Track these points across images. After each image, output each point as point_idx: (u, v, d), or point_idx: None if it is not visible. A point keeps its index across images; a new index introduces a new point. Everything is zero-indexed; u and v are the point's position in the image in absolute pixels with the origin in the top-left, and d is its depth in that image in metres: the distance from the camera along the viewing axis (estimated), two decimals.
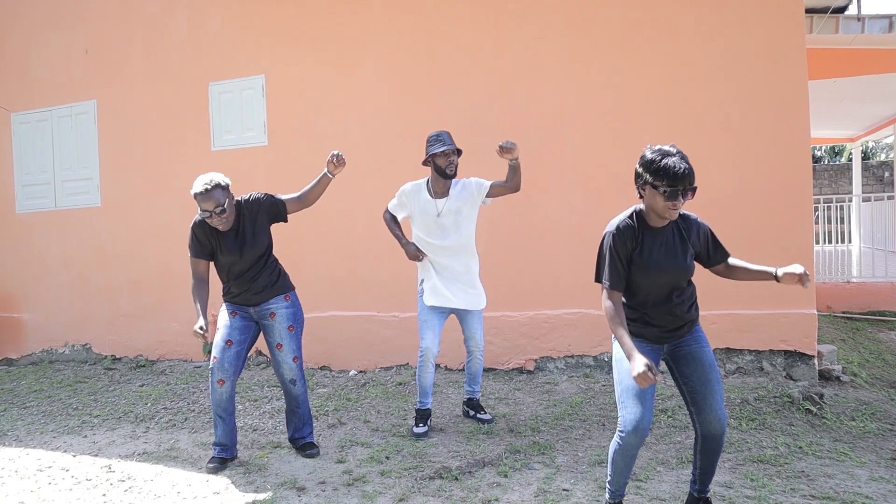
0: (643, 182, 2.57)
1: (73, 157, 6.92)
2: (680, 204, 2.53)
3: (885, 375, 5.22)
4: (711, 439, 2.68)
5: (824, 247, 8.52)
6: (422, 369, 4.09)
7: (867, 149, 23.65)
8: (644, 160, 2.56)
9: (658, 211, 2.58)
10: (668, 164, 2.48)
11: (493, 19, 5.49)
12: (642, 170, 2.57)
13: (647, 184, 2.55)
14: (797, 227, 4.90)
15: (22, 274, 7.18)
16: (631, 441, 2.61)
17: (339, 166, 3.73)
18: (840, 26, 6.68)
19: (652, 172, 2.52)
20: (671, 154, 2.51)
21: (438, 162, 4.01)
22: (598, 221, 5.21)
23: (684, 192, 2.50)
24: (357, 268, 5.85)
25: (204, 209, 3.52)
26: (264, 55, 6.15)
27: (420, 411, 4.14)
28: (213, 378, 3.64)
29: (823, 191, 16.55)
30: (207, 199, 3.49)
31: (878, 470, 3.38)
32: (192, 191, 3.53)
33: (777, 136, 4.92)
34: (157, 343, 6.54)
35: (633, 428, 2.58)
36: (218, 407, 3.67)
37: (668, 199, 2.50)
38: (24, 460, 4.01)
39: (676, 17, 5.11)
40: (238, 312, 3.77)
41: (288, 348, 3.76)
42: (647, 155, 2.56)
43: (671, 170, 2.47)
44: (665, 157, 2.50)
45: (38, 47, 7.07)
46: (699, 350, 2.74)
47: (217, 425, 3.70)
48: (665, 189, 2.49)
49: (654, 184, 2.52)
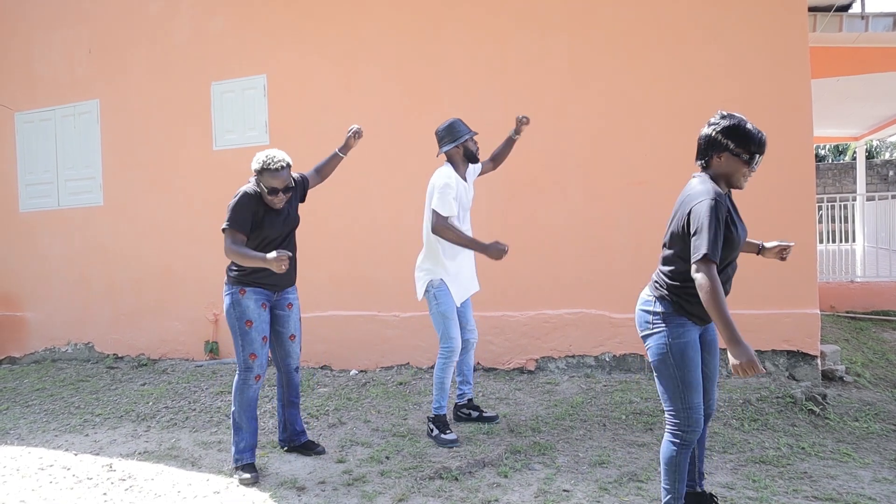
0: (721, 149, 2.52)
1: (75, 156, 6.93)
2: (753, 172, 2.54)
3: (888, 376, 5.19)
4: (708, 420, 2.78)
5: (828, 246, 8.49)
6: (447, 369, 3.96)
7: (871, 147, 23.55)
8: (725, 127, 2.51)
9: (734, 178, 2.54)
10: (752, 130, 2.48)
11: (494, 19, 5.48)
12: (722, 136, 2.51)
13: (726, 150, 2.51)
14: (800, 227, 4.88)
15: (25, 273, 7.20)
16: (693, 439, 2.60)
17: (357, 139, 4.01)
18: (844, 24, 6.64)
19: (738, 137, 2.49)
20: (748, 121, 2.51)
21: (469, 146, 4.07)
22: (599, 221, 5.25)
23: (760, 159, 2.50)
24: (358, 267, 5.85)
25: (271, 186, 3.43)
26: (266, 55, 6.15)
27: (441, 417, 3.96)
28: (249, 376, 3.54)
29: (827, 190, 16.48)
30: (277, 176, 3.43)
31: (881, 471, 3.36)
32: (263, 166, 3.43)
33: (780, 134, 4.88)
34: (159, 342, 6.55)
35: (697, 427, 2.58)
36: (249, 406, 3.58)
37: (749, 165, 2.49)
38: (26, 459, 4.02)
39: (679, 17, 5.09)
40: (266, 304, 3.62)
41: (299, 339, 3.87)
42: (726, 122, 2.52)
43: (756, 136, 2.48)
44: (745, 122, 2.51)
45: (42, 47, 7.08)
46: (716, 337, 2.74)
47: (243, 428, 3.58)
48: (748, 156, 2.48)
49: (735, 150, 2.49)
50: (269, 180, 3.44)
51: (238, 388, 3.58)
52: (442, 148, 4.06)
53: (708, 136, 2.56)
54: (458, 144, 4.02)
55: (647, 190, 5.05)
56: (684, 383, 2.56)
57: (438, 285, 3.97)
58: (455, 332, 3.96)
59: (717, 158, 2.54)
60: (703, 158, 2.59)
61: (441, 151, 4.07)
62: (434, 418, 3.99)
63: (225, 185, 5.20)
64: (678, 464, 2.61)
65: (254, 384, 3.57)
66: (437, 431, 3.94)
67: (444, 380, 3.97)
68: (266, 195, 3.48)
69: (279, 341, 3.80)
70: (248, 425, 3.59)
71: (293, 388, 3.87)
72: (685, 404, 2.57)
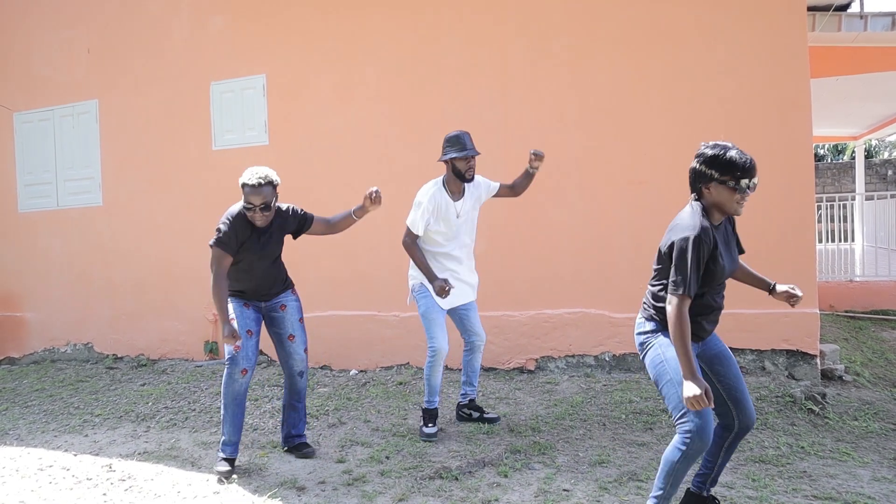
0: (708, 179, 2.52)
1: (75, 156, 6.93)
2: (747, 198, 2.51)
3: (888, 375, 5.19)
4: (746, 431, 2.73)
5: (827, 246, 8.49)
6: (434, 369, 4.05)
7: (870, 147, 23.57)
8: (706, 157, 2.52)
9: (727, 207, 2.53)
10: (735, 157, 2.46)
11: (494, 19, 5.48)
12: (705, 167, 2.52)
13: (713, 180, 2.50)
14: (800, 226, 4.88)
15: (24, 273, 7.20)
16: (700, 450, 2.51)
17: (375, 204, 3.74)
18: (843, 24, 6.65)
19: (719, 166, 2.48)
20: (732, 147, 2.50)
21: (459, 166, 4.00)
22: (599, 221, 5.25)
23: (751, 185, 2.48)
24: (358, 267, 5.85)
25: (249, 202, 3.46)
26: (265, 55, 6.14)
27: (429, 411, 4.09)
28: (236, 368, 3.54)
29: (826, 189, 16.49)
30: (257, 193, 3.44)
31: (880, 470, 3.36)
32: (243, 181, 3.48)
33: (779, 134, 4.90)
34: (159, 342, 6.55)
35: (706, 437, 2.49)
36: (235, 400, 3.59)
37: (739, 192, 2.48)
38: (26, 459, 4.01)
39: (678, 17, 5.09)
40: (251, 304, 3.72)
41: (300, 339, 3.82)
42: (707, 152, 2.53)
43: (738, 162, 2.45)
44: (728, 150, 2.49)
45: (41, 47, 7.08)
46: (725, 349, 2.75)
47: (229, 422, 3.61)
48: (734, 182, 2.46)
49: (721, 179, 2.48)
50: (249, 195, 3.47)
51: (225, 382, 3.60)
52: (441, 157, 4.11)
53: (694, 168, 2.58)
54: (445, 159, 4.03)
55: (647, 190, 5.05)
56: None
57: (419, 289, 4.09)
58: (437, 334, 4.03)
59: (706, 189, 2.55)
60: (694, 191, 2.60)
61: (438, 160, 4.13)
62: (423, 411, 4.12)
63: (224, 185, 5.21)
64: (677, 471, 2.58)
65: (240, 378, 3.56)
66: (422, 424, 4.09)
67: (430, 378, 4.08)
68: (245, 211, 3.51)
69: (279, 343, 3.82)
70: (233, 420, 3.61)
71: (295, 392, 3.87)
72: (693, 413, 2.50)
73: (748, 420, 2.69)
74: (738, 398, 2.69)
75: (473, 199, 4.16)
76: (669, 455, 2.59)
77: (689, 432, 2.51)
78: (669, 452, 2.59)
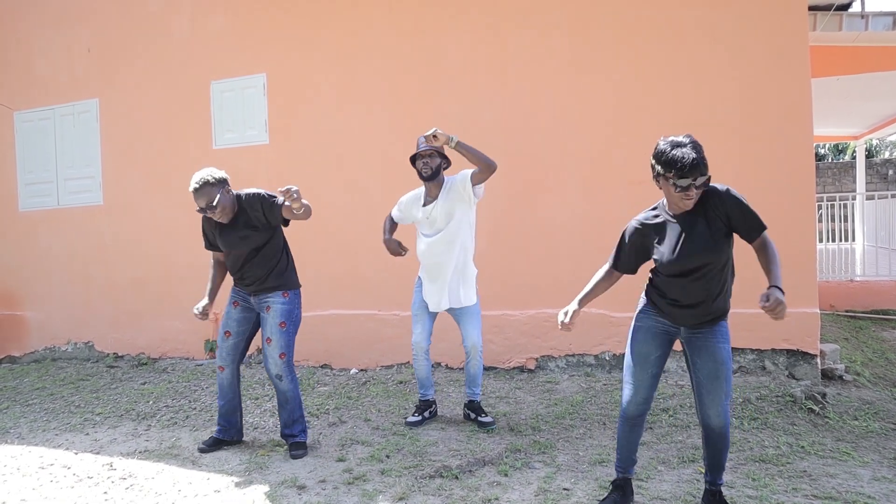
0: (656, 174, 2.59)
1: (75, 155, 6.93)
2: (693, 194, 2.53)
3: (888, 374, 5.20)
4: (711, 431, 2.77)
5: (828, 245, 8.49)
6: (415, 362, 4.29)
7: (871, 146, 23.54)
8: (656, 151, 2.58)
9: (673, 202, 2.61)
10: (675, 156, 2.48)
11: (494, 18, 5.48)
12: (654, 161, 2.58)
13: (660, 175, 2.57)
14: (800, 226, 4.88)
15: (25, 272, 7.20)
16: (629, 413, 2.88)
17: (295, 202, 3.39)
18: (844, 24, 6.64)
19: (662, 164, 2.53)
20: (682, 144, 2.50)
21: (416, 165, 4.14)
22: (599, 220, 5.25)
23: (696, 183, 2.48)
24: (358, 266, 5.85)
25: (197, 206, 3.63)
26: (266, 54, 6.15)
27: (420, 402, 4.33)
28: (216, 364, 3.98)
29: (827, 189, 16.48)
30: (197, 197, 3.62)
31: (880, 470, 3.36)
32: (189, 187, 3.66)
33: (780, 133, 4.90)
34: (160, 341, 6.55)
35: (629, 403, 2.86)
36: (220, 390, 3.99)
37: (680, 190, 2.51)
38: (27, 458, 4.02)
39: (678, 16, 5.09)
40: (240, 303, 3.93)
41: (276, 344, 3.77)
42: (659, 146, 2.57)
43: (679, 161, 2.47)
44: (675, 147, 2.50)
45: (41, 46, 7.08)
46: (715, 345, 2.75)
47: (218, 408, 4.01)
48: (675, 181, 2.50)
49: (665, 175, 2.53)
50: (194, 200, 3.64)
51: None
52: None
53: (650, 160, 2.63)
54: (410, 159, 4.20)
55: (647, 189, 4.98)
56: (626, 360, 2.87)
57: (416, 282, 4.33)
58: (416, 328, 4.24)
59: (656, 181, 2.64)
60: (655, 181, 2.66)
61: None
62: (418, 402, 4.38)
63: None
64: (618, 430, 2.96)
65: (219, 372, 3.97)
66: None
67: (415, 371, 4.33)
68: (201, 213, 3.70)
69: (262, 346, 3.86)
70: (220, 407, 4.00)
71: (278, 392, 3.88)
72: (623, 381, 2.89)
73: (708, 420, 2.74)
74: (703, 395, 2.75)
75: (451, 200, 4.06)
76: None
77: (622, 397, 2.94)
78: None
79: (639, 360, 2.83)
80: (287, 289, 3.83)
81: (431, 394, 4.35)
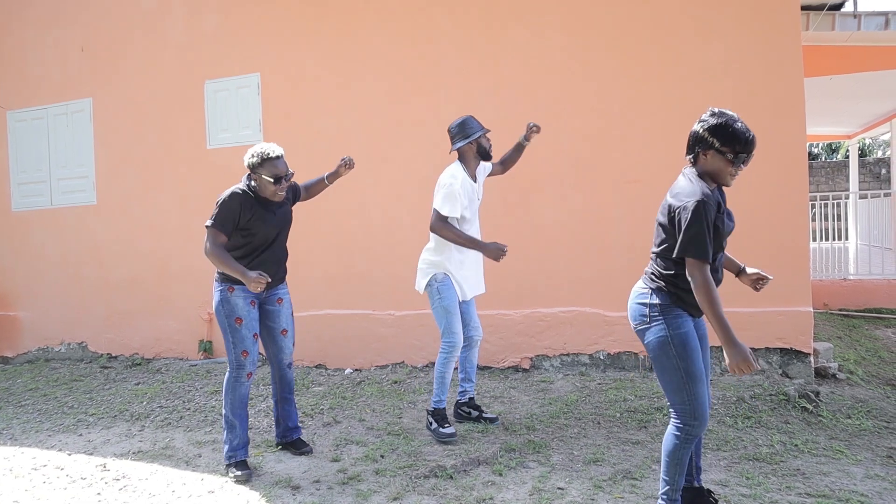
0: (707, 146, 2.52)
1: (68, 155, 6.90)
2: (740, 172, 2.53)
3: (881, 373, 5.22)
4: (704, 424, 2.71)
5: (821, 244, 8.53)
6: (448, 364, 3.97)
7: (864, 146, 23.65)
8: (711, 125, 2.51)
9: (721, 176, 2.55)
10: (740, 130, 2.47)
11: (489, 17, 5.48)
12: (708, 134, 2.51)
13: (712, 148, 2.51)
14: (793, 225, 4.90)
15: (18, 272, 7.17)
16: (699, 433, 2.58)
17: (348, 169, 3.97)
18: (836, 23, 6.66)
19: (721, 137, 2.48)
20: (738, 120, 2.49)
21: (482, 143, 4.05)
22: (595, 220, 5.26)
23: (747, 159, 2.49)
24: (352, 266, 5.84)
25: (274, 175, 3.46)
26: (260, 53, 6.13)
27: (441, 411, 3.97)
28: (242, 373, 3.55)
29: (820, 188, 16.55)
30: (278, 164, 3.49)
31: (873, 468, 3.38)
32: (258, 158, 3.45)
33: (773, 133, 4.90)
34: (153, 341, 6.53)
35: (704, 419, 2.55)
36: (241, 403, 3.59)
37: (735, 165, 2.49)
38: (19, 459, 4.00)
39: (672, 16, 5.09)
40: (255, 301, 3.62)
41: (291, 333, 3.85)
42: (711, 121, 2.52)
43: (743, 135, 2.46)
44: (734, 122, 2.49)
45: (34, 45, 7.05)
46: (707, 334, 2.75)
47: (240, 424, 3.59)
48: (732, 155, 2.48)
49: (720, 149, 2.49)
50: (272, 169, 3.47)
51: (230, 386, 3.58)
52: (454, 145, 4.05)
53: (696, 132, 2.57)
54: (470, 141, 4.00)
55: (642, 188, 5.06)
56: (688, 374, 2.54)
57: (442, 279, 3.97)
58: (457, 328, 3.96)
59: (703, 155, 2.55)
60: (691, 153, 2.60)
61: (454, 148, 4.06)
62: (433, 412, 4.00)
63: (219, 184, 5.16)
64: (681, 457, 2.60)
65: (245, 381, 3.58)
66: (435, 425, 3.95)
67: (444, 374, 3.99)
68: (271, 186, 3.49)
69: (271, 337, 3.79)
70: (241, 422, 3.60)
71: (286, 384, 3.87)
72: (691, 396, 2.54)
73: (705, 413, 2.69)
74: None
75: (482, 178, 4.21)
76: (668, 444, 2.61)
77: (685, 416, 2.54)
78: (668, 441, 2.61)
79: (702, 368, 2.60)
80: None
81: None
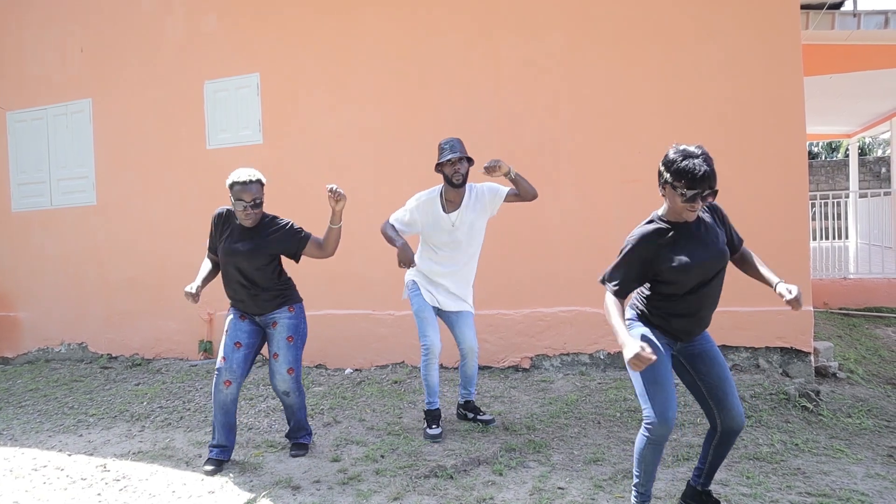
0: (664, 181, 2.56)
1: (68, 155, 6.90)
2: (698, 206, 2.53)
3: (881, 372, 5.22)
4: (732, 434, 2.71)
5: (821, 243, 8.52)
6: (428, 367, 4.03)
7: (864, 145, 23.64)
8: (666, 159, 2.55)
9: (677, 211, 2.58)
10: (687, 166, 2.46)
11: (488, 18, 5.48)
12: (663, 168, 2.55)
13: (668, 183, 2.54)
14: (793, 224, 4.90)
15: (18, 273, 7.17)
16: (663, 436, 2.61)
17: (339, 201, 3.57)
18: (836, 22, 6.67)
19: (672, 172, 2.50)
20: (694, 155, 2.48)
21: (445, 171, 3.96)
22: (594, 220, 5.26)
23: (703, 194, 2.48)
24: (352, 266, 5.84)
25: (239, 199, 3.52)
26: (259, 53, 6.13)
27: (430, 412, 4.05)
28: (220, 379, 3.61)
29: (820, 187, 16.55)
30: (247, 190, 3.52)
31: (874, 467, 3.38)
32: (231, 180, 3.55)
33: (773, 132, 4.91)
34: (154, 342, 6.53)
35: (664, 424, 2.58)
36: (221, 409, 3.64)
37: (687, 201, 2.50)
38: (20, 459, 4.00)
39: (672, 15, 5.09)
40: (247, 316, 3.76)
41: (283, 359, 3.71)
42: (669, 154, 2.54)
43: (690, 172, 2.45)
44: (686, 158, 2.48)
45: (34, 46, 7.04)
46: (711, 348, 2.76)
47: (216, 427, 3.68)
48: (683, 191, 2.48)
49: (673, 184, 2.51)
50: (239, 193, 3.53)
51: (213, 390, 3.69)
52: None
53: (658, 167, 2.60)
54: (437, 166, 4.01)
55: (641, 188, 5.03)
56: (646, 379, 2.62)
57: (411, 286, 4.15)
58: (429, 331, 4.02)
59: (662, 189, 2.60)
60: (660, 188, 2.63)
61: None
62: (425, 413, 4.10)
63: (218, 185, 5.16)
64: (645, 457, 2.68)
65: (223, 388, 3.61)
66: (425, 425, 4.06)
67: (426, 377, 4.06)
68: (238, 209, 3.55)
69: (269, 361, 3.79)
70: (220, 427, 3.67)
71: (286, 407, 3.86)
72: (650, 401, 2.61)
73: (731, 422, 2.67)
74: (721, 398, 2.68)
75: (476, 212, 4.03)
76: (637, 443, 2.71)
77: (648, 418, 2.62)
78: (637, 441, 2.71)
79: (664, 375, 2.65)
80: (292, 303, 3.79)
81: (438, 402, 4.12)
